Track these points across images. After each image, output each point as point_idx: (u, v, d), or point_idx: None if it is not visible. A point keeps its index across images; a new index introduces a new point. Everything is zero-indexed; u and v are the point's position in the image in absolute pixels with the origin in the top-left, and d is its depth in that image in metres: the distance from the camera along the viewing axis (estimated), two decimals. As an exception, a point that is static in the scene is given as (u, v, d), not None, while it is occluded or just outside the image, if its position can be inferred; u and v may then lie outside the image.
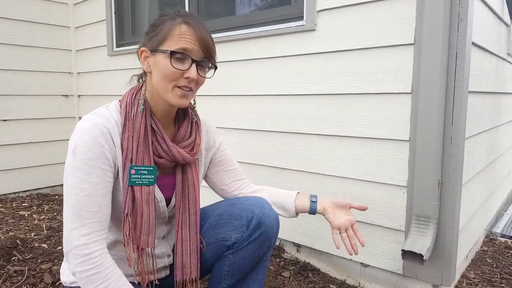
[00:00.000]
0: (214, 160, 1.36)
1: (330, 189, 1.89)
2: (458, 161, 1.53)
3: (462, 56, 1.48)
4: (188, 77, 1.07)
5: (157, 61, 1.08)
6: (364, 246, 1.31)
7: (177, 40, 1.06)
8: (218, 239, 1.25)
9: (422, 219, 1.58)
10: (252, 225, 1.20)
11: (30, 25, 3.19)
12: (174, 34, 1.06)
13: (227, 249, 1.23)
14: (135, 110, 1.11)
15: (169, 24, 1.08)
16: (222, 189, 1.39)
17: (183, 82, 1.08)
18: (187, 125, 1.22)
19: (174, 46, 1.05)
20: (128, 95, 1.15)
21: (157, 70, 1.08)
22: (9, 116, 3.14)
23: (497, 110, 2.25)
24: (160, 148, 1.13)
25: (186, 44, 1.06)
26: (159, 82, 1.09)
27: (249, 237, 1.20)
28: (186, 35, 1.06)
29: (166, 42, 1.07)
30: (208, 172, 1.38)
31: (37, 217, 2.73)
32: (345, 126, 1.81)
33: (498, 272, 1.98)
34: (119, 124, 1.09)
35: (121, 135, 1.09)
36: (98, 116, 1.08)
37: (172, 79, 1.07)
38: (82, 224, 1.01)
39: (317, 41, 1.86)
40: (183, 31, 1.06)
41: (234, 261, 1.23)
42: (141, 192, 1.10)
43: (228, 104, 2.29)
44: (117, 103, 1.15)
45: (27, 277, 1.86)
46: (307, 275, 1.94)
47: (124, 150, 1.08)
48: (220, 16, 2.37)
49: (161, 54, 1.07)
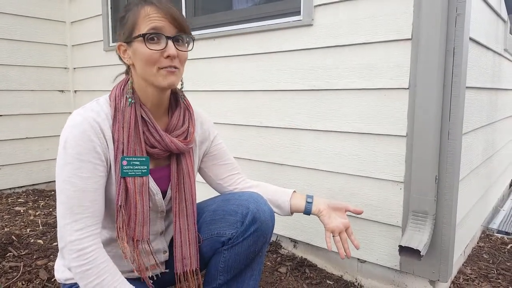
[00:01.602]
0: (209, 154, 1.35)
1: (327, 184, 1.89)
2: (455, 157, 1.53)
3: (459, 51, 1.48)
4: (168, 55, 1.05)
5: (135, 50, 1.07)
6: (358, 249, 1.30)
7: (145, 22, 1.05)
8: (212, 235, 1.24)
9: (419, 214, 1.58)
10: (247, 220, 1.19)
11: (25, 19, 3.16)
12: (141, 17, 1.06)
13: (222, 245, 1.23)
14: (124, 101, 1.10)
15: (134, 11, 1.07)
16: (218, 183, 1.38)
17: (165, 62, 1.06)
18: (179, 113, 1.20)
19: (144, 29, 1.05)
20: (117, 88, 1.14)
21: (138, 59, 1.08)
22: (5, 111, 3.12)
23: (494, 106, 2.24)
24: (152, 137, 1.12)
25: (154, 23, 1.05)
26: (143, 70, 1.08)
27: (244, 233, 1.20)
28: (152, 14, 1.05)
29: (136, 28, 1.06)
30: (203, 165, 1.37)
31: (33, 213, 2.72)
32: (342, 122, 1.80)
33: (495, 267, 1.98)
34: (109, 117, 1.08)
35: (112, 128, 1.08)
36: (88, 110, 1.07)
37: (153, 62, 1.06)
38: (75, 219, 1.00)
39: (314, 36, 1.85)
40: (148, 12, 1.05)
41: (229, 257, 1.22)
42: (134, 183, 1.08)
43: (225, 99, 2.27)
44: (107, 97, 1.14)
45: (22, 273, 1.85)
46: (304, 271, 1.94)
47: (115, 142, 1.07)
48: (217, 11, 2.35)
49: (135, 42, 1.06)
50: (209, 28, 2.28)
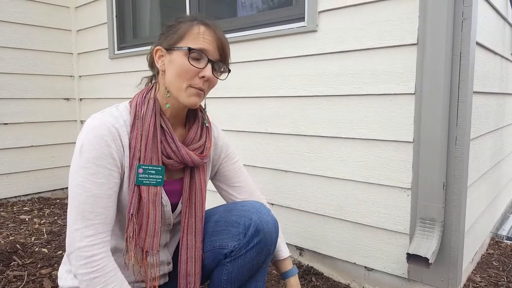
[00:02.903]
0: (221, 173, 1.35)
1: (333, 191, 1.87)
2: (463, 163, 1.50)
3: (466, 56, 1.46)
4: (203, 76, 1.06)
5: (173, 59, 1.07)
6: None
7: (195, 39, 1.06)
8: (215, 247, 1.22)
9: (427, 221, 1.55)
10: (249, 232, 1.17)
11: (31, 28, 3.19)
12: (192, 33, 1.07)
13: (224, 257, 1.21)
14: (145, 109, 1.10)
15: (187, 25, 1.09)
16: (229, 198, 1.37)
17: (198, 81, 1.07)
18: (197, 127, 1.20)
19: (193, 45, 1.06)
20: (139, 95, 1.14)
21: (172, 68, 1.07)
22: (10, 119, 3.13)
23: (501, 111, 2.22)
24: (169, 148, 1.11)
25: (204, 43, 1.06)
26: (173, 80, 1.08)
27: (247, 245, 1.18)
28: (205, 35, 1.07)
29: (184, 40, 1.07)
30: (216, 181, 1.37)
31: (38, 221, 2.71)
32: (347, 128, 1.79)
33: (505, 275, 1.95)
34: (127, 123, 1.08)
35: (130, 134, 1.07)
36: (107, 115, 1.06)
37: (187, 77, 1.06)
38: (86, 225, 0.99)
39: (318, 42, 1.84)
40: (201, 31, 1.07)
41: (233, 269, 1.20)
42: (148, 192, 1.07)
43: (230, 106, 2.27)
44: (127, 103, 1.13)
45: (26, 282, 1.84)
46: (310, 279, 1.91)
47: (132, 149, 1.06)
48: (221, 18, 2.35)
49: (177, 52, 1.07)
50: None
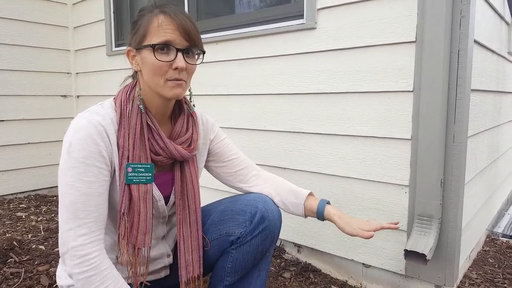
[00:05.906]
0: (213, 152, 1.34)
1: (332, 188, 1.87)
2: (460, 160, 1.51)
3: (464, 53, 1.47)
4: (176, 68, 1.04)
5: (144, 58, 1.06)
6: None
7: (157, 32, 1.04)
8: (221, 234, 1.23)
9: (425, 218, 1.56)
10: (255, 219, 1.19)
11: (28, 25, 3.17)
12: (153, 26, 1.04)
13: (230, 244, 1.22)
14: (130, 107, 1.09)
15: (147, 18, 1.06)
16: (227, 179, 1.36)
17: (173, 74, 1.05)
18: (183, 120, 1.20)
19: (155, 39, 1.03)
20: (123, 92, 1.13)
21: (146, 67, 1.07)
22: (7, 116, 3.11)
23: (498, 109, 2.23)
24: (157, 145, 1.11)
25: (166, 34, 1.03)
26: (150, 79, 1.07)
27: (253, 231, 1.19)
28: (165, 25, 1.04)
29: (147, 36, 1.05)
30: (209, 164, 1.36)
31: (35, 219, 2.70)
32: (346, 125, 1.79)
33: (501, 272, 1.96)
34: (114, 122, 1.07)
35: (117, 133, 1.07)
36: (93, 114, 1.05)
37: (161, 73, 1.05)
38: (79, 224, 0.99)
39: (317, 40, 1.85)
40: (161, 22, 1.04)
41: (237, 256, 1.21)
42: (138, 191, 1.07)
43: (228, 103, 2.27)
44: (112, 101, 1.13)
45: (23, 279, 1.83)
46: (308, 276, 1.92)
47: (120, 148, 1.06)
48: (220, 15, 2.35)
49: (145, 50, 1.05)
50: (212, 32, 2.28)
